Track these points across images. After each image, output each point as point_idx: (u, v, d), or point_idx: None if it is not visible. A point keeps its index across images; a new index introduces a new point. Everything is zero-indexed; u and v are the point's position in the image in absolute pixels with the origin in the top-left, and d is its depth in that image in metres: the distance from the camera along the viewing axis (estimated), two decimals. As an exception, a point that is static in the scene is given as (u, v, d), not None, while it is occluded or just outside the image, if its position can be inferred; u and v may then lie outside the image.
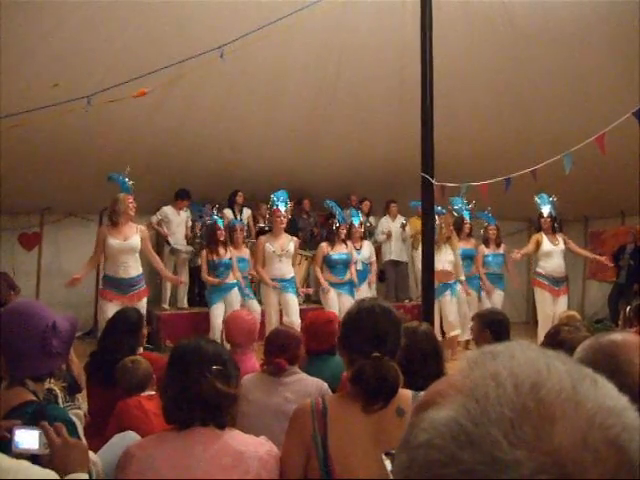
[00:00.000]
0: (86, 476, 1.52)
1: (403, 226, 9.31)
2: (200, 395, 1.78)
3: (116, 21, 6.14)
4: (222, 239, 7.21)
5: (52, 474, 1.41)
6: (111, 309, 5.66)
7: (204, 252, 7.28)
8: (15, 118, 5.44)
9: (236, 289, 7.27)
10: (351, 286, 7.53)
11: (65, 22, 5.91)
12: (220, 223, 7.33)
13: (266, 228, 8.28)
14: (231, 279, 7.25)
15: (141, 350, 3.83)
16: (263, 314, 6.99)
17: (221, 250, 7.17)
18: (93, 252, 6.06)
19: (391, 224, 9.41)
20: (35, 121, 5.50)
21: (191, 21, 6.34)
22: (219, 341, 4.87)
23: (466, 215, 7.84)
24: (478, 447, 0.47)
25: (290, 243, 7.00)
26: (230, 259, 7.23)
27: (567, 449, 0.46)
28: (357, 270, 7.87)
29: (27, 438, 1.48)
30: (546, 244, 7.13)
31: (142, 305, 6.00)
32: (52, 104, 5.51)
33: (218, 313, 7.14)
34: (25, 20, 5.73)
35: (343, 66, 7.38)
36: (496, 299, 7.96)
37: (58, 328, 1.86)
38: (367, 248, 8.16)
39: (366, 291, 8.00)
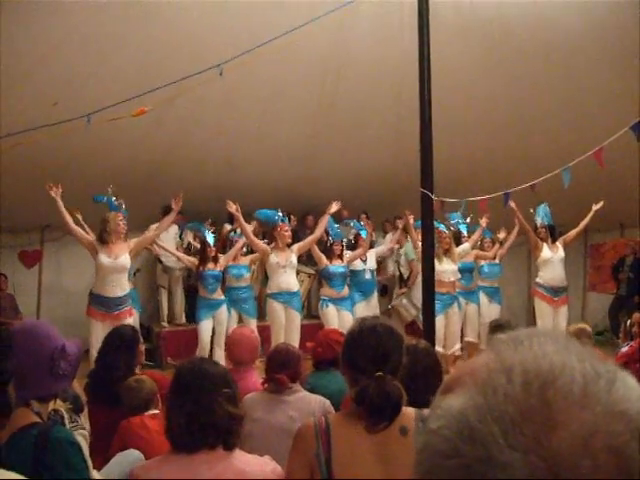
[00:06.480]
0: None
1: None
2: (213, 420, 1.76)
3: (115, 40, 6.18)
4: (212, 255, 7.21)
5: None
6: (95, 328, 5.71)
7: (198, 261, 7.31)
8: (16, 137, 5.47)
9: (224, 306, 7.25)
10: (351, 302, 7.54)
11: (64, 42, 5.96)
12: (211, 240, 7.31)
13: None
14: (219, 295, 7.25)
15: (140, 368, 3.81)
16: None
17: (210, 264, 7.17)
18: (76, 228, 6.12)
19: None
20: (35, 140, 5.53)
21: (190, 39, 6.38)
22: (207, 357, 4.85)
23: (463, 229, 7.85)
24: (478, 443, 0.47)
25: (292, 255, 7.04)
26: (220, 271, 7.23)
27: (565, 455, 0.46)
28: (366, 280, 7.95)
29: None
30: (546, 251, 7.24)
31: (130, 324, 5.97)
32: (52, 123, 5.54)
33: (206, 329, 7.10)
34: (25, 40, 5.78)
35: (341, 83, 7.42)
36: (493, 312, 7.95)
37: (67, 351, 1.86)
38: (372, 257, 8.22)
39: (375, 304, 8.06)
